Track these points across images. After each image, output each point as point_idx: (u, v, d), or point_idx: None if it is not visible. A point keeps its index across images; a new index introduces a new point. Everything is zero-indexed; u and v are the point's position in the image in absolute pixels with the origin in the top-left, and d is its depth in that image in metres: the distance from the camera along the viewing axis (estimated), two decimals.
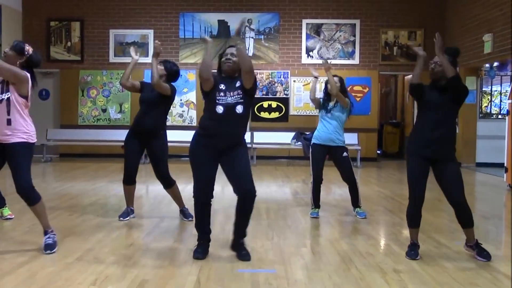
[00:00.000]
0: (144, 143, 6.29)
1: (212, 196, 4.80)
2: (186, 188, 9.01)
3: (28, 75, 4.79)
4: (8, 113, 4.72)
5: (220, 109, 4.62)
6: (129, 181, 6.34)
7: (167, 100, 6.24)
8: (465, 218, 4.84)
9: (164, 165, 6.32)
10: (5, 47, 4.93)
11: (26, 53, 4.81)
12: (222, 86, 4.68)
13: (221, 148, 4.69)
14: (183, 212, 6.46)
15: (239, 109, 4.66)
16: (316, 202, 6.73)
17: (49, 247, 4.80)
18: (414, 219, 4.91)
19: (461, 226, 4.92)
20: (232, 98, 4.64)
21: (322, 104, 6.72)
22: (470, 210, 4.84)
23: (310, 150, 6.79)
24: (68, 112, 14.43)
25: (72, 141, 14.11)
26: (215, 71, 4.83)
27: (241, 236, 4.84)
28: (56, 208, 6.97)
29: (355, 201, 6.79)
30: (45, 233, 4.93)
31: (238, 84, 4.72)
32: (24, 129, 4.80)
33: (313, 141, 6.74)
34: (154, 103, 6.19)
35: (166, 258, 4.73)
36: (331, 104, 6.68)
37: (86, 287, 3.93)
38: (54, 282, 4.01)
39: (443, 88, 4.81)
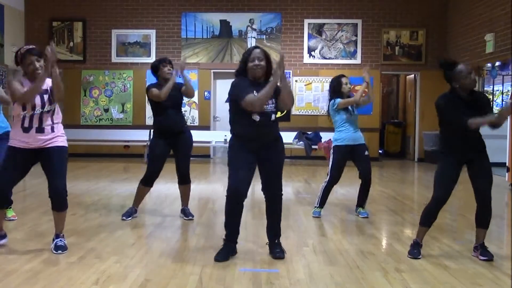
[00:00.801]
0: (172, 144, 6.26)
1: (246, 196, 4.72)
2: None
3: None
4: (53, 121, 4.82)
5: (256, 117, 4.57)
6: (149, 183, 6.34)
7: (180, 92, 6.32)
8: (486, 217, 4.83)
9: (188, 161, 6.36)
10: (8, 47, 4.94)
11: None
12: (255, 93, 4.55)
13: (258, 147, 4.68)
14: (184, 211, 6.48)
15: (273, 117, 4.66)
16: (323, 202, 6.73)
17: (62, 248, 4.81)
18: (430, 218, 4.88)
19: (476, 225, 4.90)
20: (267, 106, 4.59)
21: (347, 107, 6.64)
22: (491, 211, 4.84)
23: (332, 151, 6.64)
24: (70, 112, 14.42)
25: (75, 141, 14.08)
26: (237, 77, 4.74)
27: (275, 236, 4.85)
28: None
29: (363, 201, 6.76)
30: (57, 236, 4.92)
31: None
32: (63, 134, 4.92)
33: (337, 143, 6.58)
34: (178, 102, 6.27)
35: (168, 258, 4.74)
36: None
37: (89, 287, 3.93)
38: (56, 282, 4.01)
39: (471, 103, 4.71)
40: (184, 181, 6.42)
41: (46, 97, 4.78)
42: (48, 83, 4.81)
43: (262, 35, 14.42)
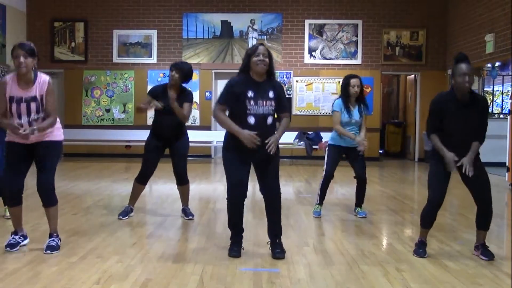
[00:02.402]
0: (167, 144, 6.31)
1: (245, 196, 4.79)
2: (190, 188, 9.04)
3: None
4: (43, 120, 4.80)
5: (251, 119, 4.58)
6: (143, 181, 6.40)
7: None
8: (486, 219, 4.83)
9: (184, 162, 6.39)
10: (10, 48, 4.95)
11: (36, 52, 4.78)
12: (250, 94, 4.57)
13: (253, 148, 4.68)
14: (185, 211, 6.52)
15: (269, 120, 4.64)
16: (322, 198, 6.77)
17: (51, 248, 4.82)
18: (429, 220, 4.90)
19: (477, 227, 4.91)
20: (264, 108, 4.59)
21: (344, 107, 6.54)
22: (492, 212, 4.84)
23: (327, 149, 6.75)
24: (72, 112, 14.46)
25: (76, 141, 14.13)
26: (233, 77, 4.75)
27: (275, 236, 4.86)
28: (60, 207, 6.90)
29: (360, 200, 6.79)
30: (50, 235, 4.96)
31: (271, 94, 4.64)
32: (58, 128, 4.92)
33: (330, 142, 6.69)
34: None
35: (169, 257, 4.76)
36: (351, 107, 6.55)
37: (90, 286, 3.95)
38: (58, 281, 4.03)
39: (467, 105, 4.69)
40: (181, 181, 6.46)
41: (33, 106, 4.73)
42: (39, 88, 4.74)
43: (263, 36, 14.43)
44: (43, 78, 4.78)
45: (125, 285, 3.99)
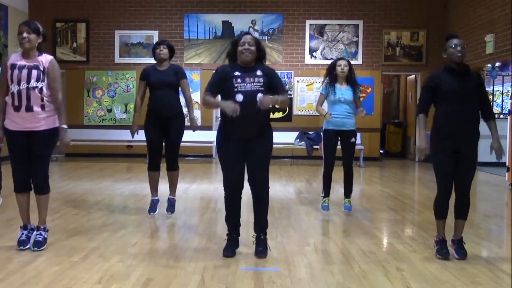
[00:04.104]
0: (164, 126, 6.32)
1: (242, 187, 4.82)
2: (191, 188, 9.08)
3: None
4: (42, 100, 4.82)
5: (239, 97, 4.57)
6: (154, 167, 6.45)
7: (178, 79, 6.37)
8: (463, 208, 4.89)
9: (176, 147, 6.43)
10: (12, 48, 4.99)
11: (42, 31, 4.88)
12: (237, 73, 4.62)
13: (246, 137, 4.67)
14: (169, 201, 6.56)
15: (259, 96, 4.60)
16: (326, 190, 6.82)
17: (38, 245, 4.84)
18: (441, 210, 4.91)
19: (455, 216, 4.94)
20: (252, 85, 4.59)
21: (330, 88, 6.68)
22: (469, 202, 4.90)
23: (322, 136, 6.82)
24: (73, 112, 14.46)
25: (78, 141, 14.13)
26: (222, 64, 4.79)
27: (260, 231, 4.87)
28: (61, 207, 7.03)
29: (347, 191, 6.86)
30: (37, 228, 4.96)
31: (259, 73, 4.67)
32: (51, 115, 4.92)
33: (325, 127, 6.76)
34: (168, 84, 6.27)
35: (170, 257, 4.78)
36: (340, 87, 6.67)
37: (91, 286, 3.96)
38: (59, 281, 4.05)
39: (462, 75, 4.75)
40: (170, 167, 6.49)
41: (34, 72, 4.76)
42: (44, 61, 4.82)
43: (264, 36, 14.45)
44: (47, 56, 4.89)
45: (126, 284, 4.01)
